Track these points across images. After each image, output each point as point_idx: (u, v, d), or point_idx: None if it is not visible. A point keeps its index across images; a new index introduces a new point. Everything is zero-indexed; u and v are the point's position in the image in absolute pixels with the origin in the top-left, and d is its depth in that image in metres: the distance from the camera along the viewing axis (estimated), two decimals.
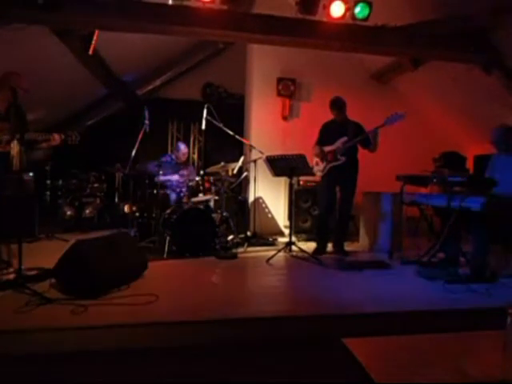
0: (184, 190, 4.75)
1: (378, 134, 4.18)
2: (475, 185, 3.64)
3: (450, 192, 3.51)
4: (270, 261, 3.96)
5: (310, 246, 4.66)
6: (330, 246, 4.59)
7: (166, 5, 3.72)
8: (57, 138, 3.49)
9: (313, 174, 4.49)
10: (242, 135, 5.74)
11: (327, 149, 4.39)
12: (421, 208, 4.03)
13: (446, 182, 3.67)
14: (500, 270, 3.47)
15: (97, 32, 4.55)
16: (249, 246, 4.72)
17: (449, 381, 1.01)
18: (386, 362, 1.08)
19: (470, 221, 3.52)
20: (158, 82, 6.93)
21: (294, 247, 4.23)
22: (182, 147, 5.38)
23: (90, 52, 4.78)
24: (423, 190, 4.20)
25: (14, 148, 3.20)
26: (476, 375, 1.00)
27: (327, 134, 4.48)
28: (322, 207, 4.55)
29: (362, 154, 4.51)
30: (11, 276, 3.00)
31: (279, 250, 4.16)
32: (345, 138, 4.28)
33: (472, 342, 1.18)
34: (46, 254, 3.65)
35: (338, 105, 4.39)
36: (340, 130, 4.37)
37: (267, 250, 4.43)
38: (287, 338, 2.26)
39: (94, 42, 4.59)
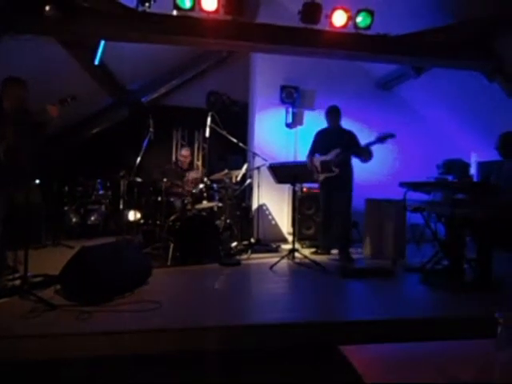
0: (188, 197, 4.79)
1: (370, 148, 4.28)
2: (479, 192, 3.64)
3: (454, 199, 3.51)
4: (274, 268, 3.97)
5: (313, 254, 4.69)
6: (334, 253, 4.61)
7: (171, 15, 3.78)
8: (54, 109, 3.19)
9: (316, 181, 4.52)
10: (245, 143, 5.78)
11: (321, 159, 4.44)
12: (424, 215, 4.02)
13: (450, 188, 3.67)
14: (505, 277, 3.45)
15: (102, 42, 4.63)
16: (252, 252, 4.73)
17: None
18: (382, 369, 1.10)
19: (475, 228, 3.51)
20: (162, 90, 7.00)
21: (297, 254, 4.24)
22: (182, 151, 5.47)
23: (96, 62, 4.86)
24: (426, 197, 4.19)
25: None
26: (468, 382, 1.01)
27: (323, 143, 4.55)
28: (322, 216, 4.74)
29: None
30: (17, 282, 3.03)
31: (282, 257, 4.17)
32: (338, 150, 4.32)
33: (464, 349, 1.19)
34: (51, 260, 3.69)
35: (335, 113, 4.49)
36: (335, 140, 4.45)
37: (271, 257, 4.44)
38: (287, 344, 2.27)
39: (99, 52, 4.67)
